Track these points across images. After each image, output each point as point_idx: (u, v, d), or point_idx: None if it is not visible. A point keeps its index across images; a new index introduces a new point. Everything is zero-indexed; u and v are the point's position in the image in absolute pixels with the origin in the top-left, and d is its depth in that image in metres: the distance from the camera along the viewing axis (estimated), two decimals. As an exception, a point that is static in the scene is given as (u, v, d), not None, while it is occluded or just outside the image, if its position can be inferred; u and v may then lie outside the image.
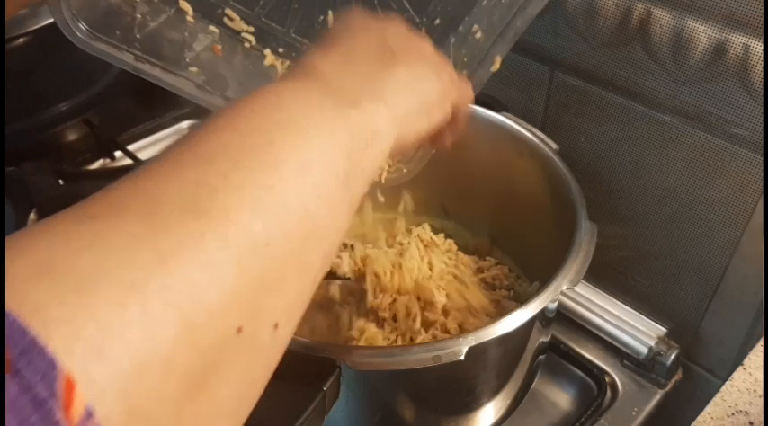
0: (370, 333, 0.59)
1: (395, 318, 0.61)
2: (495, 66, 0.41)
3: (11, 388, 0.17)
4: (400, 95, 0.34)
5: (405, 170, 0.46)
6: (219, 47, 0.47)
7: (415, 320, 0.60)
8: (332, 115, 0.29)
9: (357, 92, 0.32)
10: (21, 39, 0.81)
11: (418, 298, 0.61)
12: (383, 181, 0.47)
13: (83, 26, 0.43)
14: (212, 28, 0.47)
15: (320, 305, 0.66)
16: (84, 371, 0.18)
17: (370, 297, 0.62)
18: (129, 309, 0.19)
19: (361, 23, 0.37)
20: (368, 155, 0.31)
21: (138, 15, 0.46)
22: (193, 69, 0.46)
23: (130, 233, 0.21)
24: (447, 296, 0.63)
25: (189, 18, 0.47)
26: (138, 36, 0.45)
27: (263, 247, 0.23)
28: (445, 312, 0.61)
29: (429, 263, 0.65)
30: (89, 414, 0.18)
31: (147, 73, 0.45)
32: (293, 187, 0.25)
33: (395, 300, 0.62)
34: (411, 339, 0.60)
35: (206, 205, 0.22)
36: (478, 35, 0.42)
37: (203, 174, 0.23)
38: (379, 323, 0.60)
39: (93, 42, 0.43)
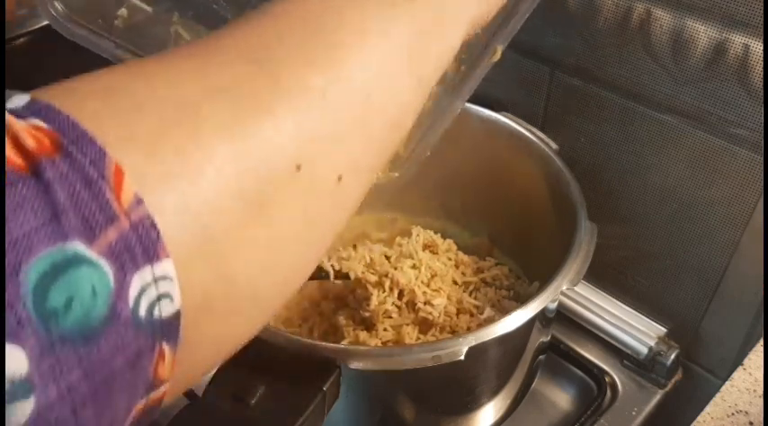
0: (363, 339, 0.59)
1: (391, 316, 0.61)
2: (496, 57, 0.41)
3: (61, 166, 0.18)
4: None
5: (396, 175, 0.46)
6: None
7: (410, 325, 0.60)
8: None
9: None
10: (21, 39, 0.81)
11: (416, 301, 0.61)
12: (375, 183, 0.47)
13: (60, 7, 0.42)
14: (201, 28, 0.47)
15: (317, 305, 0.66)
16: (134, 164, 0.19)
17: (373, 300, 0.62)
18: (177, 125, 0.20)
19: None
20: (435, 36, 0.31)
21: (125, 10, 0.45)
22: None
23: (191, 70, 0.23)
24: (446, 297, 0.62)
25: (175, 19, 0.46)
26: (120, 26, 0.45)
27: (320, 99, 0.24)
28: (444, 314, 0.61)
29: (428, 265, 0.65)
30: (138, 201, 0.19)
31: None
32: (351, 48, 0.26)
33: (393, 303, 0.61)
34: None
35: (262, 56, 0.24)
36: (478, 31, 0.41)
37: (272, 35, 0.25)
38: (375, 328, 0.60)
39: (72, 26, 0.42)
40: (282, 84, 0.24)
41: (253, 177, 0.22)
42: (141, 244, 0.19)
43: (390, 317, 0.61)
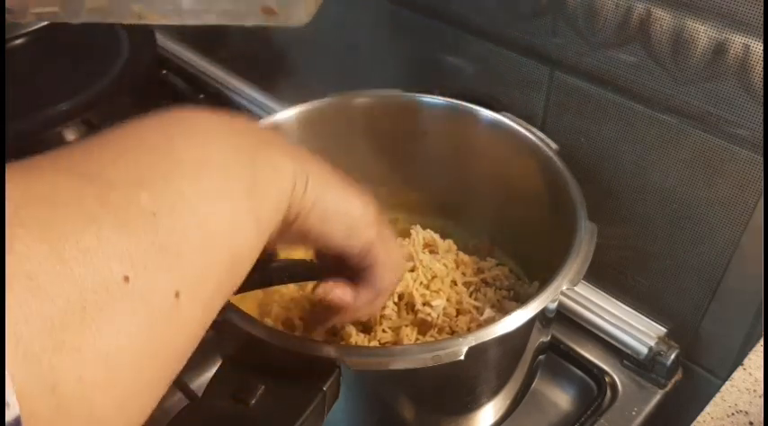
0: (362, 341, 0.59)
1: (390, 319, 0.61)
2: None
3: None
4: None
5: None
6: None
7: (409, 326, 0.60)
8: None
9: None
10: (21, 39, 0.81)
11: (415, 303, 0.61)
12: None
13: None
14: None
15: (314, 305, 0.66)
16: None
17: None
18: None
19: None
20: (274, 179, 0.32)
21: None
22: None
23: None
24: (446, 299, 0.62)
25: None
26: None
27: (150, 216, 0.25)
28: (444, 315, 0.61)
29: (428, 266, 0.65)
30: None
31: None
32: (188, 176, 0.27)
33: (391, 308, 0.61)
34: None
35: (93, 171, 0.25)
36: None
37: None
38: (373, 330, 0.60)
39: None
40: (110, 197, 0.24)
41: (71, 283, 0.22)
42: None
43: (389, 319, 0.61)
